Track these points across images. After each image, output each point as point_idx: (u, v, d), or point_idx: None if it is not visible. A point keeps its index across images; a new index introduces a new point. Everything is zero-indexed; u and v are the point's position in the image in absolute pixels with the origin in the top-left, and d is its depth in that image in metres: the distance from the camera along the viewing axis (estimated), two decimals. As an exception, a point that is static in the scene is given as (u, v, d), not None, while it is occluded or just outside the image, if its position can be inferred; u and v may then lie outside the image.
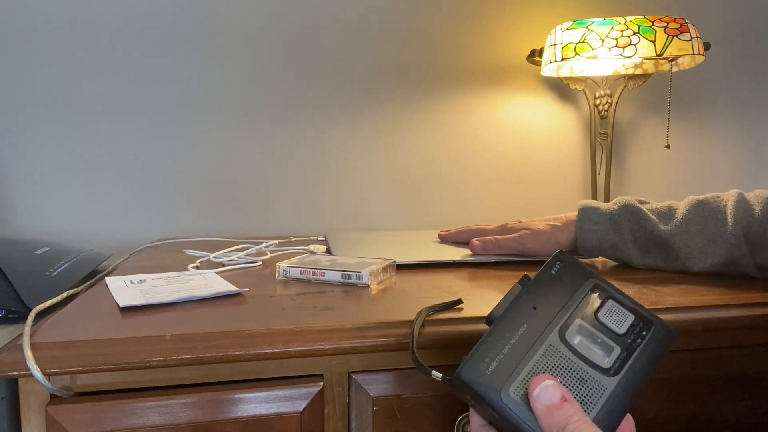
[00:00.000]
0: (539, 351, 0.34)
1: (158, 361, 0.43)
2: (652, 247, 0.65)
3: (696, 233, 0.63)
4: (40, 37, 0.96)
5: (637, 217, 0.65)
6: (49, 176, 0.98)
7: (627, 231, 0.65)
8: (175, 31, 1.00)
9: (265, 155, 1.05)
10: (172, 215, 1.02)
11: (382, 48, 1.09)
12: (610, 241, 0.66)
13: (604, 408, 0.33)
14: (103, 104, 0.99)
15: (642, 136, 1.20)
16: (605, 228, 0.66)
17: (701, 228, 0.63)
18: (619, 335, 0.35)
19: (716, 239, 0.62)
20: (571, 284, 0.37)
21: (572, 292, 0.36)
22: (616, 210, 0.66)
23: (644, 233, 0.65)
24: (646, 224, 0.65)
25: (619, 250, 0.66)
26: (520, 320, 0.35)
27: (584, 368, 0.34)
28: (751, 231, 0.61)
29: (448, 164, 1.13)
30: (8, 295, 0.55)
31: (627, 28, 0.91)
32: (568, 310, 0.36)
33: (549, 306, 0.36)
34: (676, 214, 0.65)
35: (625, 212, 0.66)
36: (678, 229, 0.64)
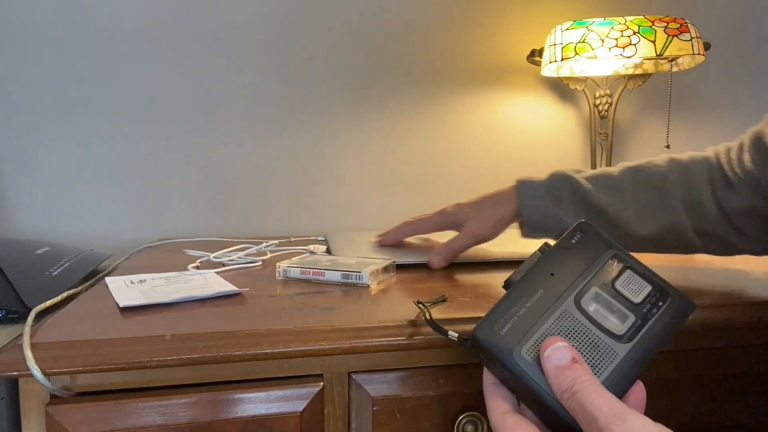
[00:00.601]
0: (554, 315, 0.34)
1: (158, 361, 0.43)
2: (594, 216, 0.63)
3: (634, 201, 0.62)
4: (40, 36, 0.96)
5: (575, 187, 0.64)
6: (49, 176, 0.98)
7: (567, 202, 0.64)
8: (174, 32, 1.00)
9: (266, 155, 1.05)
10: (172, 215, 1.02)
11: (382, 48, 1.09)
12: (553, 214, 0.64)
13: (614, 373, 0.33)
14: (104, 104, 0.99)
15: (642, 136, 1.20)
16: (547, 201, 0.64)
17: (639, 195, 0.62)
18: (635, 304, 0.36)
19: (654, 206, 0.61)
20: (590, 253, 0.37)
21: (591, 260, 0.37)
22: (554, 182, 0.65)
23: (584, 203, 0.63)
24: (585, 194, 0.63)
25: (562, 223, 0.63)
26: (537, 285, 0.35)
27: (597, 334, 0.34)
28: (689, 197, 0.60)
29: (448, 164, 1.13)
30: (8, 295, 0.55)
31: (627, 28, 0.91)
32: (585, 278, 0.36)
33: (566, 273, 0.36)
34: (613, 182, 0.63)
35: (563, 183, 0.64)
36: (616, 198, 0.62)
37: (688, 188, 0.60)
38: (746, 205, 0.57)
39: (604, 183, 0.63)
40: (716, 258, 0.76)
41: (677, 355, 0.55)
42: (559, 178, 0.65)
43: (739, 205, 0.58)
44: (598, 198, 0.62)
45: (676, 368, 0.55)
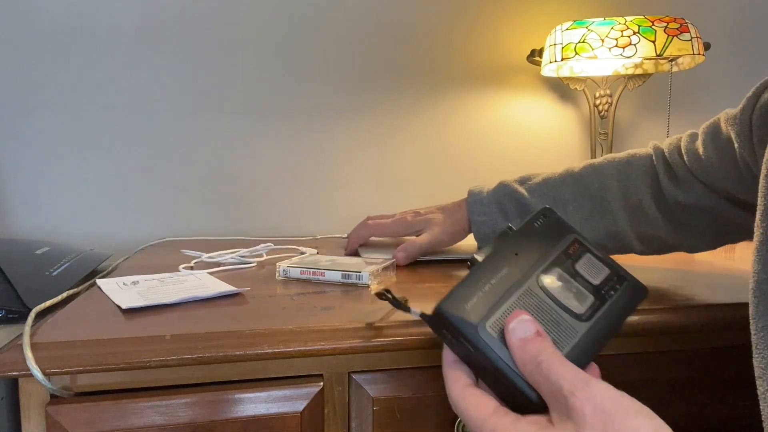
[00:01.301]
0: (518, 292, 0.35)
1: (158, 361, 0.43)
2: None
3: (576, 210, 0.63)
4: (41, 36, 0.96)
5: (519, 201, 0.65)
6: (49, 176, 0.98)
7: (514, 215, 0.65)
8: (173, 32, 1.00)
9: (265, 155, 1.05)
10: (173, 215, 1.02)
11: (381, 48, 1.09)
12: (500, 228, 0.66)
13: (574, 350, 0.35)
14: (104, 104, 0.99)
15: (642, 136, 1.20)
16: (494, 215, 0.66)
17: (580, 205, 0.63)
18: (594, 285, 0.37)
19: (595, 215, 0.62)
20: (552, 236, 0.39)
21: (553, 243, 0.38)
22: (499, 195, 0.67)
23: (525, 213, 0.65)
24: (528, 207, 0.65)
25: None
26: (501, 264, 0.36)
27: (559, 312, 0.35)
28: (629, 203, 0.61)
29: (448, 164, 1.13)
30: (8, 295, 0.55)
31: (627, 28, 0.91)
32: (547, 259, 0.37)
33: (530, 254, 0.37)
34: (555, 193, 0.64)
35: (507, 197, 0.66)
36: (558, 209, 0.63)
37: (627, 194, 0.61)
38: (694, 199, 0.58)
39: (546, 194, 0.65)
40: (717, 258, 0.76)
41: (675, 354, 0.55)
42: (503, 192, 0.67)
43: (686, 200, 0.58)
44: (535, 206, 0.64)
45: (676, 368, 0.55)
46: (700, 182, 0.58)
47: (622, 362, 0.54)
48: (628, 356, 0.54)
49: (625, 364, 0.54)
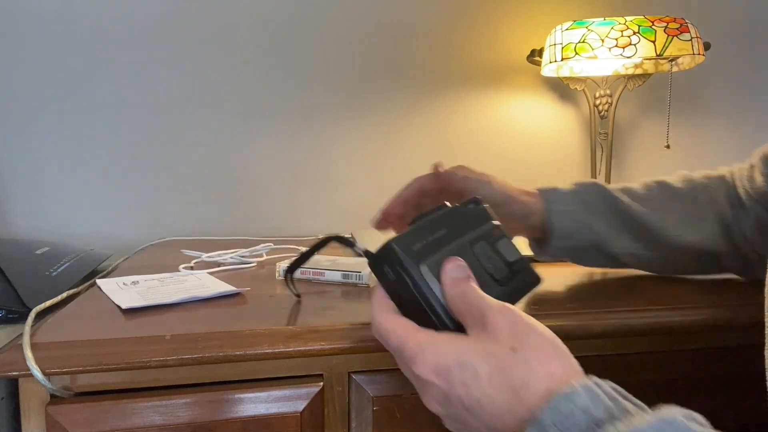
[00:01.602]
0: (454, 247, 0.41)
1: (158, 361, 0.43)
2: (628, 225, 0.59)
3: (669, 211, 0.59)
4: (40, 37, 0.96)
5: (605, 194, 0.59)
6: (49, 176, 0.98)
7: (598, 210, 0.59)
8: (172, 32, 1.00)
9: (266, 155, 1.05)
10: (173, 215, 1.02)
11: (381, 48, 1.08)
12: (586, 222, 0.58)
13: None
14: (103, 104, 0.99)
15: (642, 136, 1.20)
16: (578, 207, 0.58)
17: (671, 207, 0.59)
18: (508, 262, 0.44)
19: (691, 217, 0.59)
20: (480, 219, 0.46)
21: (482, 223, 0.45)
22: (580, 189, 0.60)
23: (615, 210, 0.59)
24: (616, 202, 0.59)
25: (593, 232, 0.58)
26: (442, 225, 0.43)
27: (483, 272, 0.41)
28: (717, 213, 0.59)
29: (448, 164, 1.13)
30: (8, 295, 0.55)
31: (627, 28, 0.91)
32: (477, 232, 0.44)
33: (464, 225, 0.44)
34: (641, 194, 0.60)
35: (591, 189, 0.60)
36: (648, 207, 0.59)
37: (713, 204, 0.59)
38: (758, 224, 0.57)
39: (630, 193, 0.60)
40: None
41: (682, 354, 0.55)
42: (586, 185, 0.60)
43: (751, 225, 0.57)
44: (630, 206, 0.58)
45: (679, 368, 0.55)
46: (762, 206, 0.56)
47: (623, 362, 0.54)
48: (629, 356, 0.54)
49: (627, 363, 0.54)
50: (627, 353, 0.54)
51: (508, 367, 0.32)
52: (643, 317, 0.52)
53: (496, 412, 0.32)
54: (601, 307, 0.53)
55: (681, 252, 0.59)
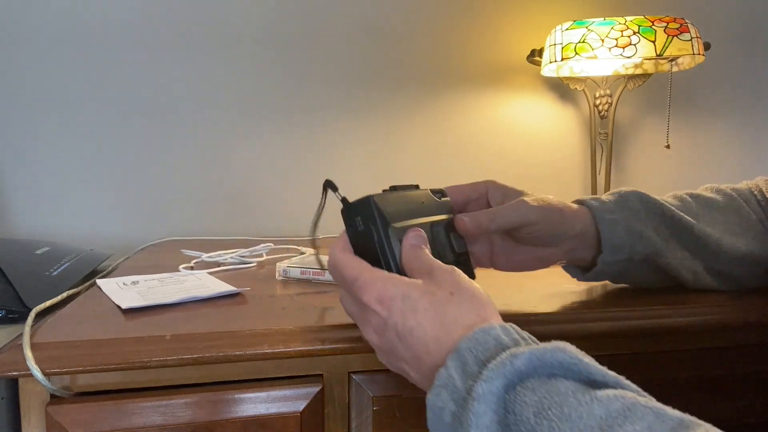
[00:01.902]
0: (418, 222, 0.46)
1: (158, 361, 0.43)
2: (675, 231, 0.54)
3: (714, 219, 0.55)
4: (41, 37, 0.96)
5: (648, 200, 0.54)
6: (49, 176, 0.98)
7: (644, 216, 0.54)
8: (174, 32, 1.00)
9: (266, 155, 1.05)
10: (173, 215, 1.02)
11: (381, 48, 1.08)
12: (636, 230, 0.52)
13: None
14: (104, 104, 0.99)
15: (642, 136, 1.20)
16: (626, 215, 0.53)
17: (711, 214, 0.56)
18: (456, 252, 0.48)
19: (736, 225, 0.55)
20: (443, 209, 0.51)
21: (442, 212, 0.50)
22: (622, 196, 0.55)
23: (661, 216, 0.54)
24: (661, 207, 0.54)
25: (644, 238, 0.53)
26: (414, 201, 0.48)
27: (435, 252, 0.45)
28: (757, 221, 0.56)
29: (448, 164, 1.13)
30: (8, 295, 0.55)
31: (627, 28, 0.91)
32: (438, 218, 0.49)
33: (430, 208, 0.49)
34: (678, 202, 0.56)
35: (632, 196, 0.55)
36: (692, 213, 0.55)
37: (754, 213, 0.57)
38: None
39: (668, 202, 0.56)
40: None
41: (676, 355, 0.55)
42: (627, 193, 0.55)
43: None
44: (674, 211, 0.54)
45: (679, 367, 0.55)
46: None
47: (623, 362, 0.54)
48: (629, 356, 0.54)
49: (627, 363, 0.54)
50: (627, 353, 0.54)
51: (444, 305, 0.36)
52: (643, 317, 0.52)
53: (425, 340, 0.36)
54: (601, 307, 0.53)
55: (736, 263, 0.55)
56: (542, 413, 0.29)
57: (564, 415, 0.28)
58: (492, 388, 0.31)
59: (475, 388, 0.31)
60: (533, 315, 0.51)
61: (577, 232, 0.52)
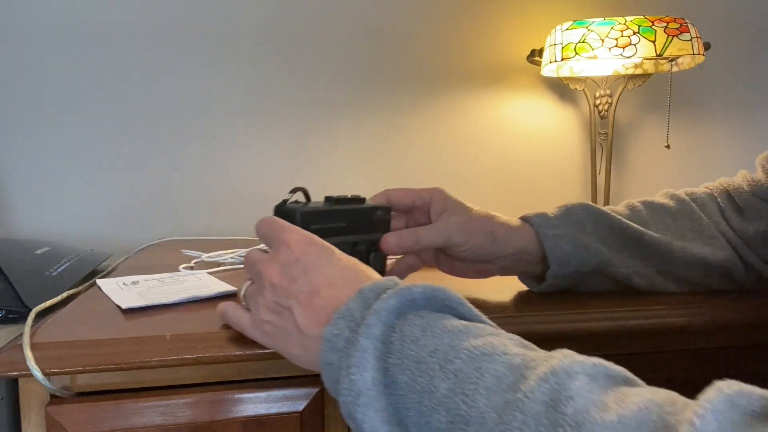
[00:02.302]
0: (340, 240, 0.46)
1: (158, 361, 0.43)
2: (626, 241, 0.55)
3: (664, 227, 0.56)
4: (41, 36, 0.96)
5: (595, 212, 0.55)
6: (49, 176, 0.98)
7: (591, 229, 0.54)
8: (174, 32, 1.00)
9: (266, 155, 1.05)
10: (173, 215, 1.02)
11: (381, 48, 1.08)
12: (582, 243, 0.53)
13: None
14: (104, 104, 0.99)
15: (642, 136, 1.20)
16: (570, 229, 0.53)
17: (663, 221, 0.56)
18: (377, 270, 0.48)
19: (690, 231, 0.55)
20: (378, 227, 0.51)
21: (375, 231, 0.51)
22: (568, 209, 0.55)
23: (610, 227, 0.55)
24: (609, 218, 0.55)
25: (591, 251, 0.53)
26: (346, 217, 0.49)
27: None
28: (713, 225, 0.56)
29: (448, 164, 1.13)
30: (8, 295, 0.55)
31: (627, 28, 0.91)
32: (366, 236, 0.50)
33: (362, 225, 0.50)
34: (627, 211, 0.57)
35: (579, 209, 0.55)
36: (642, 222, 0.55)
37: (709, 217, 0.56)
38: (758, 227, 0.55)
39: (616, 211, 0.57)
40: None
41: (681, 354, 0.55)
42: (573, 206, 0.56)
43: (756, 228, 0.55)
44: (622, 220, 0.55)
45: (678, 368, 0.55)
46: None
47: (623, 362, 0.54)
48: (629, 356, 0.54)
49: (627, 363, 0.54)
50: (627, 353, 0.54)
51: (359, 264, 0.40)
52: (643, 317, 0.52)
53: (332, 276, 0.38)
54: (601, 307, 0.53)
55: (689, 267, 0.55)
56: (427, 332, 0.33)
57: (440, 340, 0.32)
58: (386, 305, 0.34)
59: (371, 309, 0.34)
60: (533, 315, 0.51)
61: (512, 252, 0.53)
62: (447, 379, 0.31)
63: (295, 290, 0.38)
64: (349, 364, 0.33)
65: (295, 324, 0.38)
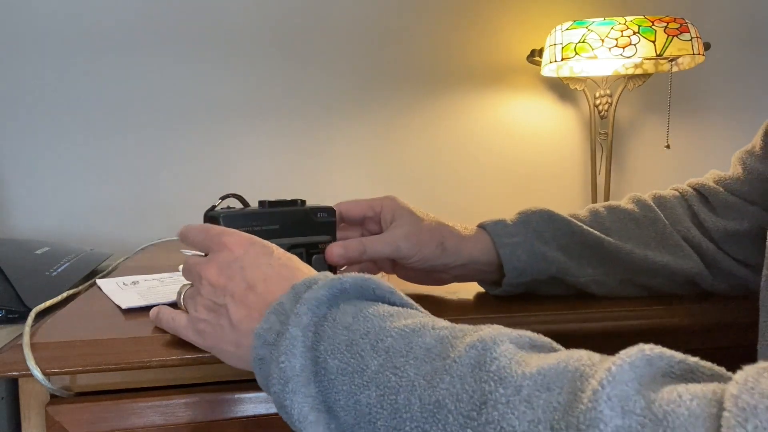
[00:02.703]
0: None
1: (158, 361, 0.43)
2: (586, 249, 0.54)
3: (625, 233, 0.54)
4: (40, 36, 0.96)
5: (555, 219, 0.54)
6: (49, 176, 0.98)
7: (550, 237, 0.53)
8: (173, 33, 1.00)
9: (265, 155, 1.05)
10: (173, 215, 1.02)
11: (381, 48, 1.08)
12: (539, 251, 0.52)
13: None
14: (103, 104, 0.99)
15: (642, 136, 1.20)
16: (528, 237, 0.53)
17: (625, 227, 0.55)
18: None
19: (651, 238, 0.54)
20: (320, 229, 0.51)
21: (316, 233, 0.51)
22: (527, 217, 0.54)
23: (569, 234, 0.53)
24: (569, 225, 0.53)
25: (548, 260, 0.53)
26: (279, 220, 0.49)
27: None
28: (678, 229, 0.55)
29: (448, 164, 1.13)
30: (8, 295, 0.55)
31: (627, 28, 0.91)
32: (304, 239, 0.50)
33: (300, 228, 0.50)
34: (590, 217, 0.56)
35: (538, 216, 0.54)
36: (604, 229, 0.54)
37: (674, 224, 0.55)
38: (735, 225, 0.53)
39: (580, 219, 0.55)
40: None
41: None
42: (533, 213, 0.55)
43: (726, 227, 0.53)
44: (583, 227, 0.53)
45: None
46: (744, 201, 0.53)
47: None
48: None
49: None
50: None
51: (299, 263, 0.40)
52: (643, 317, 0.52)
53: (268, 273, 0.38)
54: (601, 307, 0.53)
55: (652, 275, 0.54)
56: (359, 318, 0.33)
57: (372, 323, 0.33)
58: (316, 295, 0.34)
59: (300, 299, 0.34)
60: (533, 315, 0.51)
61: (462, 262, 0.52)
62: (378, 356, 0.31)
63: (232, 287, 0.38)
64: (279, 353, 0.33)
65: (229, 321, 0.38)
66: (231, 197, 0.52)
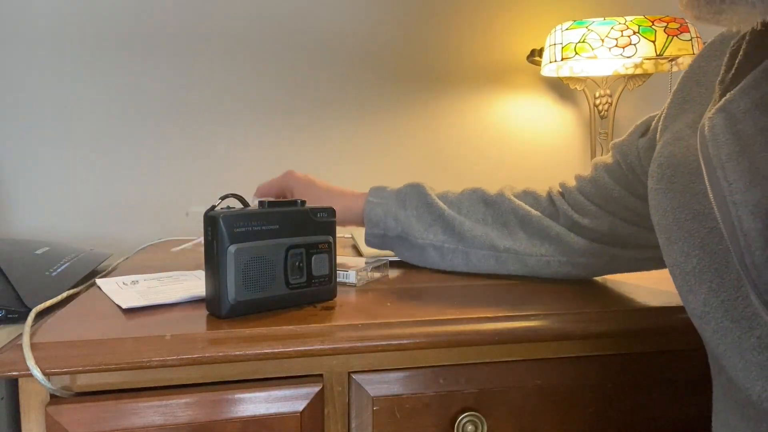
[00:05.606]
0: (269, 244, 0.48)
1: (158, 361, 0.43)
2: (438, 222, 0.66)
3: (472, 212, 0.67)
4: (40, 37, 0.96)
5: (420, 192, 0.67)
6: (49, 176, 0.98)
7: (412, 207, 0.67)
8: (172, 33, 1.00)
9: (264, 155, 1.05)
10: (173, 215, 1.02)
11: (381, 48, 1.08)
12: (393, 213, 0.67)
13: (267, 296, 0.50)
14: (103, 105, 0.99)
15: (642, 136, 1.20)
16: (390, 201, 0.68)
17: (475, 209, 0.67)
18: (312, 275, 0.51)
19: (490, 220, 0.66)
20: (319, 229, 0.52)
21: (315, 233, 0.51)
22: (403, 188, 0.68)
23: (426, 206, 0.66)
24: (426, 198, 0.67)
25: (399, 222, 0.66)
26: (279, 220, 0.49)
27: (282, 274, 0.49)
28: (521, 212, 0.65)
29: (448, 164, 1.13)
30: (8, 295, 0.55)
31: (627, 28, 0.91)
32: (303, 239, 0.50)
33: (299, 228, 0.50)
34: (453, 197, 0.68)
35: (411, 190, 0.68)
36: (459, 208, 0.67)
37: (519, 204, 0.66)
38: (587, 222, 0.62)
39: (446, 194, 0.68)
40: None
41: (681, 354, 0.55)
42: (409, 185, 0.68)
43: (594, 226, 0.62)
44: (436, 202, 0.66)
45: (678, 368, 0.55)
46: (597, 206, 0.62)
47: (623, 362, 0.54)
48: (629, 356, 0.54)
49: (627, 362, 0.54)
50: (627, 353, 0.54)
51: None
52: (643, 317, 0.52)
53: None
54: (602, 307, 0.53)
55: (476, 245, 0.65)
56: None
57: None
58: None
59: None
60: (532, 315, 0.51)
61: (341, 209, 0.68)
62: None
63: None
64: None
65: None
66: (231, 197, 0.52)
